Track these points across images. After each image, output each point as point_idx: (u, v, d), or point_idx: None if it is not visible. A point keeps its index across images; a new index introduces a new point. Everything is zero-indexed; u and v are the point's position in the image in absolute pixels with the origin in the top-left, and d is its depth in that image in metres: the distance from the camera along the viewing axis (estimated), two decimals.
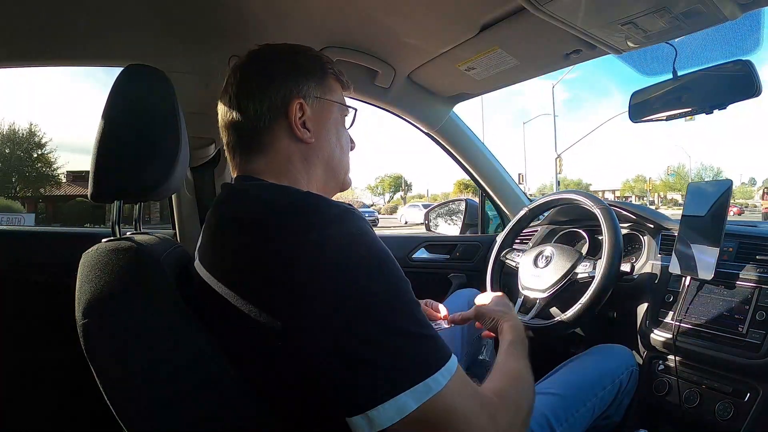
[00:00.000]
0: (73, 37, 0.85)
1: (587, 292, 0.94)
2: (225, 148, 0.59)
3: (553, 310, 1.07)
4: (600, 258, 0.95)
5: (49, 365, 0.95)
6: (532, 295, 1.06)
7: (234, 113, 0.55)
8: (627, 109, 0.99)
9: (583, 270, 1.00)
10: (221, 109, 0.58)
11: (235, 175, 0.57)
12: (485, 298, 0.80)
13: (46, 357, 0.95)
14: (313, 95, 0.57)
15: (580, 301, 0.94)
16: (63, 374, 0.92)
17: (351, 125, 0.65)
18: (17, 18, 0.77)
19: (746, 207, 30.09)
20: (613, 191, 44.47)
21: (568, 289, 1.02)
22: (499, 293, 0.82)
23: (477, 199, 1.62)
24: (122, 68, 0.53)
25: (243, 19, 0.85)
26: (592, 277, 0.95)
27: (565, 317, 0.96)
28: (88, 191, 0.50)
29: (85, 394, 0.61)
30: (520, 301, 1.09)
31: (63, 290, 0.52)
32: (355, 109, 0.65)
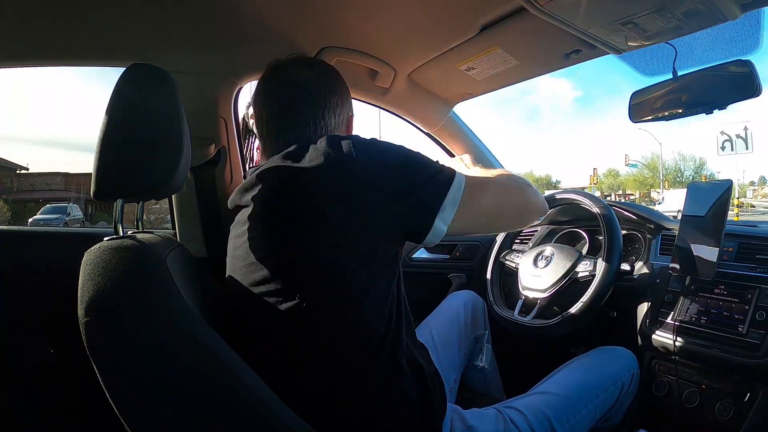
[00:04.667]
0: (75, 37, 0.85)
1: (588, 291, 0.94)
2: (274, 139, 0.70)
3: (554, 309, 1.07)
4: (600, 256, 0.95)
5: (49, 365, 0.95)
6: (532, 295, 1.06)
7: (316, 119, 0.69)
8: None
9: (583, 269, 1.00)
10: (292, 108, 0.69)
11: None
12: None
13: (47, 357, 0.95)
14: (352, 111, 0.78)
15: (581, 300, 0.94)
16: (64, 374, 0.92)
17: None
18: (20, 18, 0.77)
19: (740, 206, 29.14)
20: (602, 190, 39.50)
21: (568, 289, 1.02)
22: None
23: None
24: (124, 68, 0.53)
25: (243, 19, 0.85)
26: (593, 276, 0.95)
27: (565, 316, 0.96)
28: (91, 189, 0.50)
29: (86, 393, 0.61)
30: (520, 302, 1.09)
31: (64, 290, 0.53)
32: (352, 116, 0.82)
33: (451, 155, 1.44)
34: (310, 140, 0.66)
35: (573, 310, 0.94)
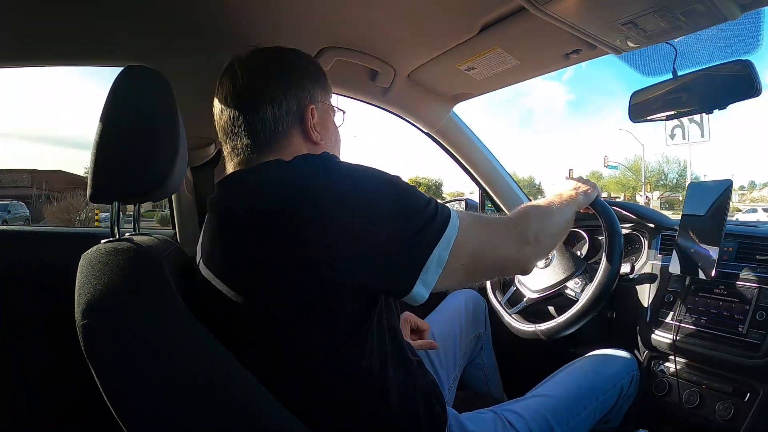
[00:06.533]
0: (72, 37, 0.85)
1: (587, 293, 0.93)
2: (228, 146, 0.61)
3: (542, 312, 1.08)
4: (591, 282, 0.93)
5: (48, 366, 0.95)
6: (523, 290, 1.07)
7: (250, 116, 0.59)
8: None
9: (573, 286, 1.01)
10: (229, 111, 0.60)
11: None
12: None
13: (46, 358, 0.95)
14: (320, 100, 0.64)
15: (579, 302, 0.93)
16: (62, 375, 0.92)
17: (341, 125, 0.72)
18: (17, 18, 0.77)
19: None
20: None
21: (553, 299, 1.03)
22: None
23: (477, 199, 1.62)
24: (122, 68, 0.53)
25: (243, 19, 0.85)
26: (578, 299, 0.94)
27: (562, 319, 0.95)
28: (87, 192, 0.50)
29: (84, 395, 0.61)
30: (513, 289, 1.11)
31: (62, 291, 0.52)
32: (344, 111, 0.72)
33: (452, 155, 1.44)
34: (247, 150, 0.59)
35: (570, 312, 0.94)
